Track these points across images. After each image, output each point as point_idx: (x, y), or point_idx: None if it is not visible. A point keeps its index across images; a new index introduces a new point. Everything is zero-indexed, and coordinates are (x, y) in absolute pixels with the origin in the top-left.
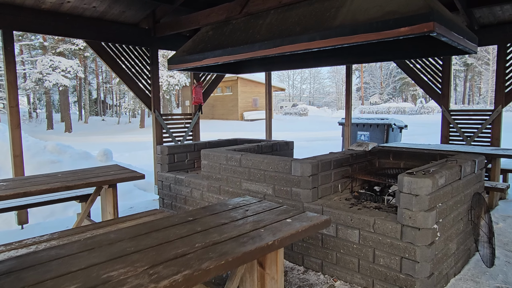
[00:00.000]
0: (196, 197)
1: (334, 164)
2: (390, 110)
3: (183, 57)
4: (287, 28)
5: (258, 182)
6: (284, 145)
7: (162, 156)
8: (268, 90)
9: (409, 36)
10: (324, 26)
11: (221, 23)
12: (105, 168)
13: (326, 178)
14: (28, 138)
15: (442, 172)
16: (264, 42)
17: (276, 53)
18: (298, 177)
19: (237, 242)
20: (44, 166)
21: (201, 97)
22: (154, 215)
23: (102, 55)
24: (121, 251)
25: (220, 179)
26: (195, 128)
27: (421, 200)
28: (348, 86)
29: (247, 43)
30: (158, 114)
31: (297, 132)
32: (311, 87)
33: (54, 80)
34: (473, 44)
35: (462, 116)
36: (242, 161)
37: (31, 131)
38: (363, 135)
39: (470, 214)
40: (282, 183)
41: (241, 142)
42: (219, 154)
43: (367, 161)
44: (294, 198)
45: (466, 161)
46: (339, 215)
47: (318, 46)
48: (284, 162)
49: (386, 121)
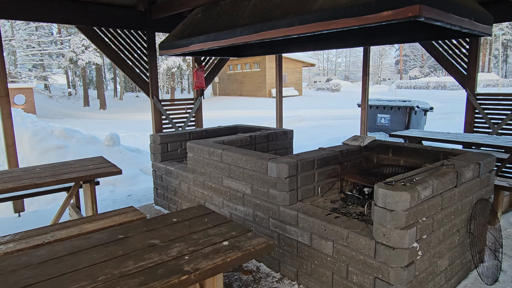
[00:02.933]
0: (184, 190)
1: (318, 163)
2: (429, 85)
3: (172, 42)
4: (268, 11)
5: (238, 180)
6: (281, 134)
7: (154, 145)
8: (278, 71)
9: (392, 21)
10: (304, 10)
11: (210, 4)
12: (86, 162)
13: (308, 178)
14: (38, 123)
15: (429, 181)
16: (245, 27)
17: (256, 40)
18: (274, 178)
19: (151, 274)
20: (49, 152)
21: (203, 81)
22: (125, 214)
23: (95, 40)
24: (17, 283)
25: (204, 174)
26: (197, 114)
27: (397, 216)
28: (366, 67)
29: (229, 28)
30: (156, 100)
31: (325, 109)
32: (346, 60)
33: (86, 58)
34: (485, 25)
35: (490, 101)
36: (223, 156)
37: (69, 107)
38: (384, 118)
39: (469, 225)
40: (259, 183)
41: (242, 130)
42: (203, 147)
43: (362, 158)
44: (270, 200)
45: (468, 164)
46: (313, 224)
47: (297, 33)
48: (261, 161)
49: (408, 103)
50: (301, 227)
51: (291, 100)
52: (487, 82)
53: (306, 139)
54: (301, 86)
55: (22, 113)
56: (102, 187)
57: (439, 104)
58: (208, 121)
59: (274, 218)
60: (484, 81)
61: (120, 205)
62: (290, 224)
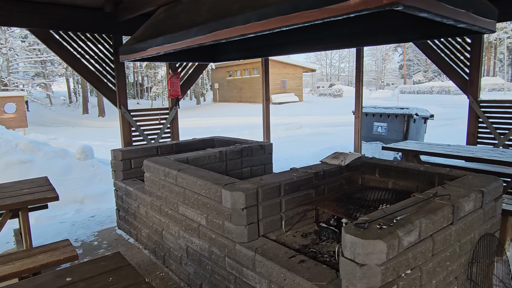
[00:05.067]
0: (143, 214)
1: (286, 189)
2: (433, 90)
3: (132, 46)
4: (225, 8)
5: (193, 207)
6: (258, 149)
7: (115, 162)
8: (264, 77)
9: (363, 12)
10: (262, 3)
11: (174, 3)
12: (25, 184)
13: (272, 208)
14: (3, 135)
15: (415, 222)
16: (200, 26)
17: (211, 41)
18: (229, 209)
19: None
20: (11, 167)
21: (178, 89)
22: (52, 252)
23: (51, 45)
24: None
25: (161, 198)
26: (173, 125)
27: (370, 272)
28: (359, 71)
29: (185, 29)
30: (125, 110)
31: (325, 116)
32: (350, 65)
33: None
34: (487, 19)
35: (495, 109)
36: (178, 178)
37: (68, 115)
38: (380, 126)
39: (470, 270)
40: (214, 213)
41: (218, 143)
42: (158, 167)
43: (343, 179)
44: (226, 235)
45: (468, 193)
46: (271, 270)
47: (254, 31)
48: (216, 186)
49: (406, 111)
50: (259, 273)
51: (290, 106)
52: (492, 86)
53: (302, 147)
54: (302, 92)
55: None
56: (68, 205)
57: (442, 110)
58: (205, 129)
59: (230, 257)
60: (489, 85)
61: (78, 229)
62: (247, 267)
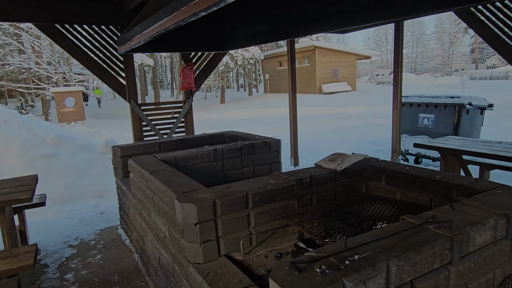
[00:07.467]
0: (131, 216)
1: (256, 200)
2: (508, 75)
3: (123, 36)
4: None
5: (160, 216)
6: (262, 146)
7: (115, 159)
8: (290, 65)
9: None
10: None
11: None
12: (10, 183)
13: (237, 223)
14: (35, 129)
15: (380, 264)
16: (165, 7)
17: (172, 24)
18: (181, 223)
19: None
20: (37, 161)
21: (192, 82)
22: (11, 259)
23: (56, 38)
24: None
25: (140, 201)
26: (187, 118)
27: None
28: (398, 54)
29: (155, 12)
30: (134, 104)
31: (377, 106)
32: (413, 51)
33: (139, 60)
34: None
35: None
36: (149, 182)
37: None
38: (427, 118)
39: None
40: (172, 226)
41: (228, 139)
42: (137, 167)
43: (340, 188)
44: (183, 253)
45: (483, 219)
46: None
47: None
48: (173, 194)
49: (457, 100)
50: None
51: (341, 96)
52: None
53: (344, 140)
54: (355, 81)
55: (21, 119)
56: (87, 200)
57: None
58: (231, 122)
59: (186, 279)
60: None
61: (83, 226)
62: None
